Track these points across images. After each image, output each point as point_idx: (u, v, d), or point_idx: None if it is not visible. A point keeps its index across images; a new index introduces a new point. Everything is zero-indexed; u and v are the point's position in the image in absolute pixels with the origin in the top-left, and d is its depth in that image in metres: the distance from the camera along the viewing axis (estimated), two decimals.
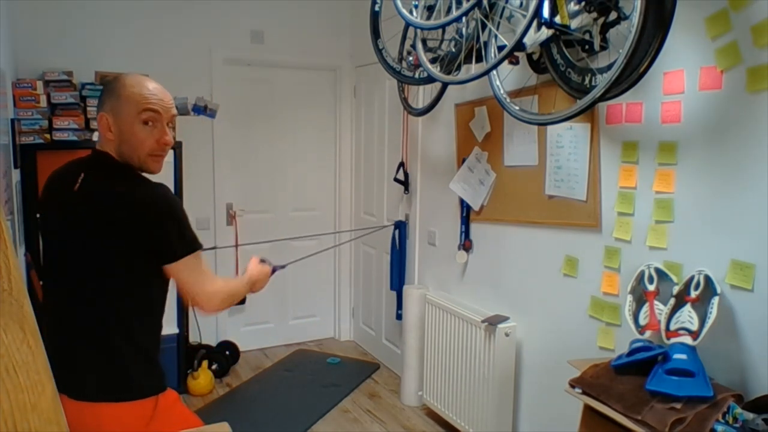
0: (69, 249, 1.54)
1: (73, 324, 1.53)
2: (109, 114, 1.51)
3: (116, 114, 1.51)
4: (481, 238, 3.14)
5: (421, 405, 3.54)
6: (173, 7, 3.89)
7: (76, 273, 1.52)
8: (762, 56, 1.77)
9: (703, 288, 1.89)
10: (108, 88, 1.55)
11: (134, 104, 1.50)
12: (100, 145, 1.57)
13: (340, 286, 4.73)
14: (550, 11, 2.00)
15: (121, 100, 1.50)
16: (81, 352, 1.51)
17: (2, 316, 0.73)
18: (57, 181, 1.61)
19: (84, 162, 1.59)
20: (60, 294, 1.57)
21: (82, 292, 1.52)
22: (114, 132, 1.51)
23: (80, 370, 1.50)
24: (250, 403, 3.63)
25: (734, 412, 1.63)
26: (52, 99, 3.22)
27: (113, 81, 1.56)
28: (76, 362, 1.50)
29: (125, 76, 1.56)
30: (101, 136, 1.56)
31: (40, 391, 0.76)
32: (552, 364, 2.65)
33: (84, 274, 1.51)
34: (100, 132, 1.55)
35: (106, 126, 1.52)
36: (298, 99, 4.45)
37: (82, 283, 1.51)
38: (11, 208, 2.46)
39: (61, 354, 1.51)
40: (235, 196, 4.28)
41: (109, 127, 1.52)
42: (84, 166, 1.56)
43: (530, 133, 2.69)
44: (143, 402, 1.52)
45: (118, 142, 1.52)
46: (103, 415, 1.47)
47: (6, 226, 0.77)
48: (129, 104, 1.50)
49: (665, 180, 2.10)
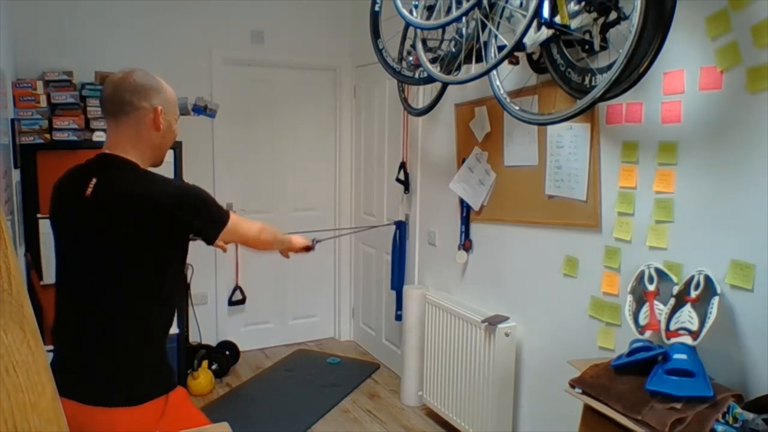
0: (84, 256, 1.54)
1: (87, 331, 1.53)
2: (162, 108, 1.58)
3: (167, 109, 1.60)
4: (481, 238, 3.14)
5: (421, 405, 3.54)
6: (173, 7, 3.89)
7: (92, 279, 1.52)
8: (762, 56, 1.77)
9: (703, 288, 1.89)
10: (150, 84, 1.58)
11: (174, 104, 1.65)
12: (112, 146, 1.57)
13: (340, 286, 4.73)
14: (550, 11, 2.00)
15: (168, 97, 1.62)
16: (95, 360, 1.51)
17: (2, 316, 0.73)
18: (66, 187, 1.60)
19: (93, 166, 1.58)
20: (74, 301, 1.56)
21: (98, 298, 1.52)
22: (164, 125, 1.60)
23: (94, 377, 1.51)
24: (250, 403, 3.63)
25: (734, 412, 1.63)
26: (52, 99, 3.22)
27: (150, 78, 1.59)
28: (89, 369, 1.51)
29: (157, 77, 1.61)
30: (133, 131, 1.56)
31: (40, 391, 0.76)
32: (552, 364, 2.65)
33: (100, 280, 1.51)
34: (142, 123, 1.56)
35: (158, 118, 1.57)
36: (298, 99, 4.45)
37: (97, 290, 1.52)
38: (11, 208, 2.46)
39: (73, 361, 1.53)
40: (235, 196, 4.28)
41: (160, 120, 1.58)
42: (94, 170, 1.56)
43: (530, 133, 2.69)
44: (155, 402, 1.53)
45: (162, 134, 1.60)
46: (117, 419, 1.48)
47: (6, 226, 0.77)
48: (172, 103, 1.64)
49: (665, 180, 2.10)
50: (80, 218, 1.53)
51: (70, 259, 1.58)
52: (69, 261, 1.59)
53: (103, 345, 1.52)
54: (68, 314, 1.57)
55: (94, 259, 1.52)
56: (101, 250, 1.51)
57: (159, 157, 1.66)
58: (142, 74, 1.59)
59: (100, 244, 1.50)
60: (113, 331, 1.52)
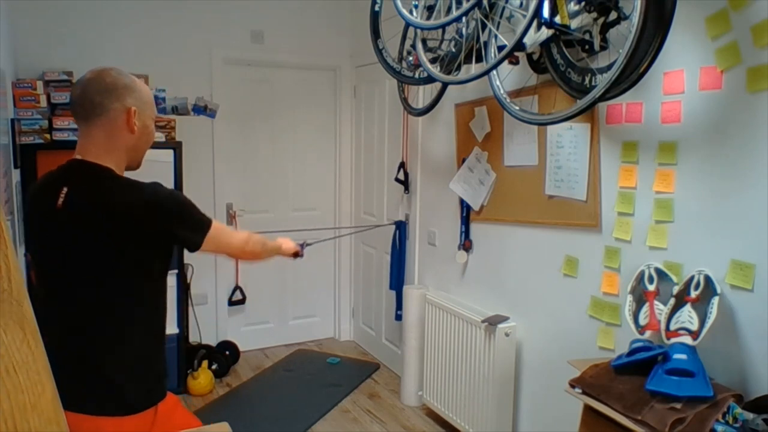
0: (58, 267, 1.47)
1: (66, 346, 1.44)
2: (135, 108, 1.51)
3: (141, 109, 1.53)
4: (481, 238, 3.14)
5: (421, 405, 3.54)
6: (173, 7, 3.89)
7: (71, 290, 1.46)
8: (762, 56, 1.77)
9: (703, 288, 1.89)
10: (121, 83, 1.49)
11: (151, 103, 1.57)
12: (84, 151, 1.48)
13: (340, 286, 4.73)
14: (550, 11, 2.00)
15: (142, 96, 1.54)
16: (75, 375, 1.43)
17: (2, 316, 0.73)
18: (38, 196, 1.52)
19: (63, 174, 1.49)
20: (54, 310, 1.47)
21: (79, 309, 1.46)
22: (138, 126, 1.51)
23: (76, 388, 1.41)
24: (250, 403, 3.63)
25: (734, 412, 1.63)
26: (52, 99, 3.23)
27: (122, 77, 1.51)
28: (74, 377, 1.43)
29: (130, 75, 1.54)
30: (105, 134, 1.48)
31: (40, 391, 0.76)
32: (552, 364, 2.65)
33: (80, 291, 1.45)
34: (115, 126, 1.48)
35: (131, 119, 1.49)
36: (298, 99, 4.45)
37: (77, 301, 1.45)
38: (11, 208, 2.46)
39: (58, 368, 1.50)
40: (235, 196, 4.28)
41: (134, 120, 1.50)
42: (64, 179, 1.47)
43: (530, 133, 2.69)
44: (143, 414, 1.48)
45: (137, 136, 1.52)
46: (103, 428, 1.44)
47: (6, 226, 0.77)
48: (147, 102, 1.56)
49: (665, 180, 2.10)
50: (54, 229, 1.46)
51: (48, 269, 1.50)
52: (47, 271, 1.51)
53: (83, 363, 1.45)
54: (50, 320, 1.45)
55: (72, 271, 1.45)
56: (78, 262, 1.44)
57: (136, 159, 1.57)
58: (113, 73, 1.50)
59: (77, 255, 1.43)
60: (92, 347, 1.45)
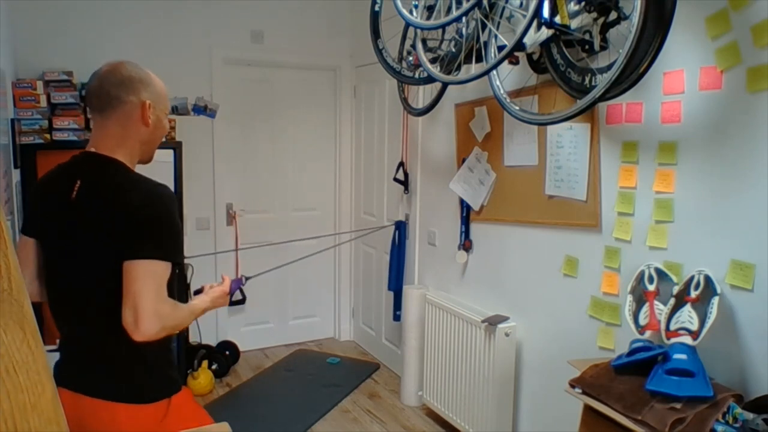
0: (69, 260, 1.48)
1: (79, 338, 1.51)
2: (150, 102, 1.51)
3: (156, 103, 1.53)
4: (481, 238, 3.14)
5: (421, 405, 3.54)
6: (173, 7, 3.89)
7: (80, 284, 1.47)
8: (762, 56, 1.77)
9: (703, 288, 1.89)
10: (138, 76, 1.51)
11: (165, 98, 1.58)
12: (98, 144, 1.50)
13: (340, 286, 4.73)
14: (550, 11, 2.00)
15: (157, 91, 1.55)
16: (92, 363, 1.49)
17: (2, 316, 0.73)
18: (49, 188, 1.53)
19: (77, 166, 1.50)
20: (67, 301, 1.51)
21: (86, 305, 1.48)
22: (153, 120, 1.52)
23: (93, 376, 1.49)
24: (250, 403, 3.63)
25: (734, 412, 1.63)
26: (52, 99, 3.23)
27: (138, 70, 1.52)
28: (91, 362, 1.49)
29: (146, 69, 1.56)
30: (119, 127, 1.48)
31: (40, 391, 0.76)
32: (552, 364, 2.65)
33: (93, 282, 1.46)
34: (130, 119, 1.49)
35: (146, 112, 1.50)
36: (298, 99, 4.45)
37: (91, 290, 1.47)
38: (11, 208, 2.46)
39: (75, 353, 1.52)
40: (235, 196, 4.28)
41: (149, 114, 1.51)
42: (78, 171, 1.49)
43: (530, 133, 2.69)
44: (157, 404, 1.51)
45: (151, 130, 1.53)
46: (118, 413, 1.47)
47: (6, 226, 0.77)
48: (162, 96, 1.57)
49: (665, 180, 2.10)
50: (67, 220, 1.46)
51: (59, 261, 1.51)
52: (58, 263, 1.51)
53: (97, 355, 1.49)
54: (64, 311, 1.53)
55: (85, 260, 1.46)
56: (90, 254, 1.44)
57: (148, 153, 1.58)
58: (129, 66, 1.51)
59: (89, 247, 1.44)
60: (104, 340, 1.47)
